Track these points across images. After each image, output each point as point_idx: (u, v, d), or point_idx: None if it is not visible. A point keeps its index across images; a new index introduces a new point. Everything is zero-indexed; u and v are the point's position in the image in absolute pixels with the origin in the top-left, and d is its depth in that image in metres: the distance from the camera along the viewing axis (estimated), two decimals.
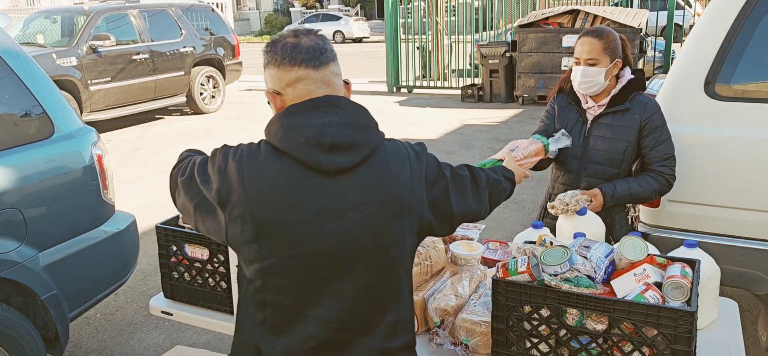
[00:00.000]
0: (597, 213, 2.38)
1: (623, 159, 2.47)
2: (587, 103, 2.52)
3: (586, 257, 1.73)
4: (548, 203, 2.42)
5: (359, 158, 1.37)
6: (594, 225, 2.26)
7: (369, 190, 1.37)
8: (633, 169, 2.54)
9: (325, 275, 1.37)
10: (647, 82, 6.48)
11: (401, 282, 1.46)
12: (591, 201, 2.37)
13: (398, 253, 1.43)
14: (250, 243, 1.35)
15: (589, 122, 2.52)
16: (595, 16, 9.99)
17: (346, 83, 1.50)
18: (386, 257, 1.41)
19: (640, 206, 2.92)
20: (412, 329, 1.54)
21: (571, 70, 2.53)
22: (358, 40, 29.04)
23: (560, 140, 2.47)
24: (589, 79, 2.42)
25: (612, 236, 2.51)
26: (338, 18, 30.21)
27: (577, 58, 2.45)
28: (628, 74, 2.49)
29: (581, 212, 2.28)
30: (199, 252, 2.16)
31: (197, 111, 10.61)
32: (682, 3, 17.02)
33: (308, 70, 1.39)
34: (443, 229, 1.55)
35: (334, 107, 1.38)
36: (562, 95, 2.61)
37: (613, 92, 2.47)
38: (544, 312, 1.64)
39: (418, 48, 12.52)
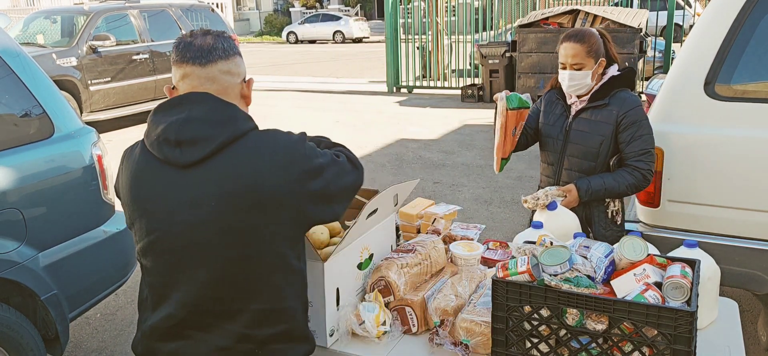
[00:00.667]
0: (576, 208, 2.48)
1: (599, 153, 2.53)
2: (571, 99, 2.61)
3: (586, 257, 1.73)
4: (521, 199, 2.51)
5: (207, 152, 1.42)
6: (564, 219, 2.33)
7: (220, 182, 1.42)
8: (611, 164, 2.57)
9: (179, 261, 1.46)
10: (647, 82, 6.49)
11: (270, 272, 1.47)
12: (565, 196, 2.44)
13: (259, 243, 1.45)
14: (130, 227, 1.55)
15: (570, 116, 2.60)
16: (595, 16, 9.99)
17: (246, 81, 1.56)
18: (243, 247, 1.44)
19: (640, 206, 2.92)
20: (295, 319, 1.54)
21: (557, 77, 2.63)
22: (358, 40, 29.05)
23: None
24: (578, 82, 2.50)
25: (591, 230, 2.58)
26: (338, 18, 30.21)
27: (563, 63, 2.52)
28: (611, 71, 2.54)
29: (551, 207, 2.35)
30: None
31: None
32: (682, 3, 17.02)
33: (194, 68, 1.48)
34: (327, 215, 1.56)
35: (190, 103, 1.45)
36: (551, 92, 2.71)
37: (595, 88, 2.54)
38: (544, 312, 1.63)
39: (418, 48, 12.52)
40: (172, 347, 1.51)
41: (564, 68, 2.51)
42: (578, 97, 2.57)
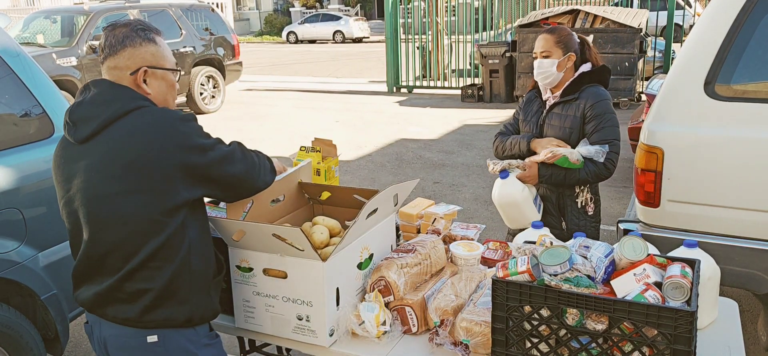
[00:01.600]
0: (549, 197, 2.72)
1: (569, 144, 2.64)
2: (546, 94, 2.74)
3: (586, 257, 1.73)
4: (486, 161, 2.74)
5: (92, 129, 1.63)
6: (511, 188, 2.58)
7: (104, 153, 1.62)
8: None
9: (76, 221, 1.70)
10: (647, 82, 6.49)
11: (144, 236, 1.63)
12: (524, 170, 2.60)
13: (132, 209, 1.61)
14: None
15: (545, 111, 2.73)
16: (595, 16, 9.99)
17: (137, 72, 1.70)
18: (118, 211, 1.62)
19: (640, 206, 2.92)
20: (174, 282, 1.67)
21: None
22: (358, 40, 29.04)
23: (590, 150, 2.56)
24: (544, 71, 2.65)
25: (564, 220, 2.71)
26: (338, 18, 30.20)
27: (535, 54, 2.69)
28: (584, 68, 2.68)
29: (502, 175, 2.57)
30: None
31: (197, 111, 10.61)
32: (682, 3, 17.02)
33: (101, 67, 1.74)
34: (202, 194, 1.73)
35: (88, 89, 1.70)
36: (531, 91, 2.86)
37: (567, 83, 2.67)
38: (544, 312, 1.63)
39: (418, 48, 12.52)
40: (77, 292, 1.78)
41: (536, 58, 2.67)
42: (552, 92, 2.71)
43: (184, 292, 1.70)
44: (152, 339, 1.68)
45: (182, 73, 1.83)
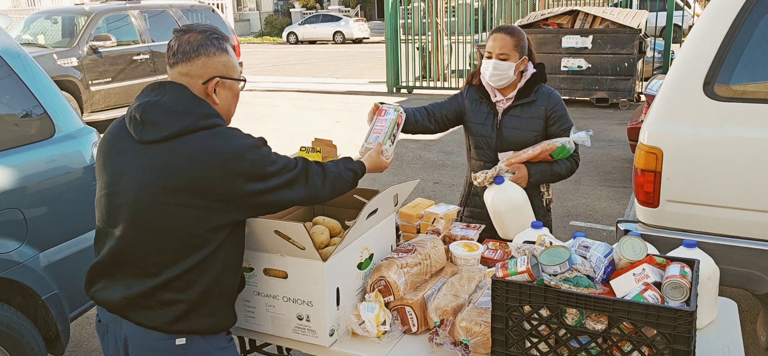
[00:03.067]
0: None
1: (526, 146, 2.63)
2: (496, 97, 2.69)
3: (585, 257, 1.73)
4: (472, 175, 2.59)
5: (162, 135, 1.60)
6: (512, 192, 2.47)
7: (164, 163, 1.59)
8: None
9: (111, 216, 1.67)
10: (646, 83, 6.50)
11: (187, 250, 1.62)
12: (513, 173, 2.54)
13: (179, 222, 1.60)
14: (97, 179, 1.76)
15: (499, 114, 2.68)
16: (595, 17, 10.00)
17: (208, 82, 1.68)
18: (162, 220, 1.60)
19: (639, 206, 2.92)
20: (206, 297, 1.67)
21: (478, 68, 2.72)
22: (358, 41, 29.04)
23: (580, 136, 2.55)
24: (500, 73, 2.59)
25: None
26: (338, 19, 30.20)
27: (489, 53, 2.61)
28: (530, 69, 2.68)
29: (497, 181, 2.47)
30: None
31: None
32: (682, 3, 17.02)
33: (167, 69, 1.73)
34: (252, 214, 1.74)
35: (165, 90, 1.66)
36: (472, 89, 2.77)
37: (520, 85, 2.65)
38: (544, 312, 1.64)
39: (418, 48, 12.52)
40: (94, 288, 1.75)
41: (489, 58, 2.60)
42: (502, 93, 2.67)
43: (213, 306, 1.70)
44: (181, 341, 1.68)
45: (246, 82, 1.84)
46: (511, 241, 2.36)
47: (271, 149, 1.71)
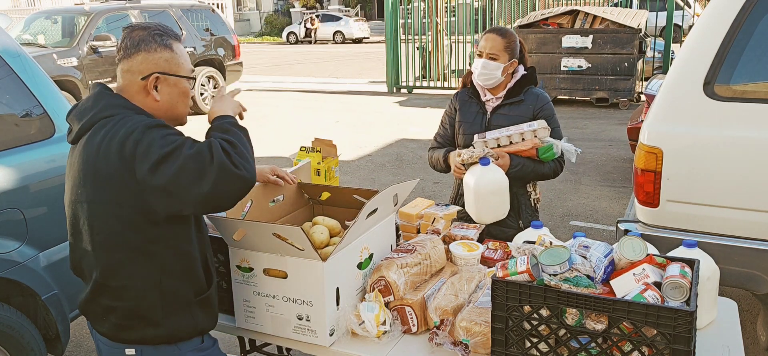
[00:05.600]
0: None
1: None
2: (486, 96, 2.74)
3: (585, 257, 1.73)
4: (456, 152, 2.62)
5: (75, 133, 1.64)
6: (496, 174, 2.49)
7: (78, 161, 1.61)
8: None
9: (67, 222, 1.69)
10: (646, 83, 6.50)
11: (111, 249, 1.59)
12: (497, 158, 2.55)
13: (100, 222, 1.58)
14: None
15: (488, 112, 2.73)
16: (595, 17, 10.00)
17: (144, 78, 1.66)
18: (89, 221, 1.60)
19: (639, 206, 2.92)
20: (143, 298, 1.62)
21: (471, 69, 2.77)
22: (358, 41, 29.04)
23: (568, 148, 2.57)
24: (488, 72, 2.64)
25: (520, 218, 2.71)
26: (338, 18, 30.20)
27: (480, 51, 2.67)
28: (521, 70, 2.73)
29: (483, 162, 2.47)
30: None
31: (198, 111, 10.60)
32: (682, 3, 17.02)
33: (117, 65, 1.71)
34: (169, 208, 1.55)
35: (90, 92, 1.70)
36: (463, 91, 2.84)
37: (509, 85, 2.70)
38: (544, 312, 1.64)
39: (418, 48, 12.52)
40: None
41: (480, 56, 2.66)
42: (492, 93, 2.71)
43: (155, 315, 1.63)
44: (130, 352, 1.66)
45: (195, 80, 1.78)
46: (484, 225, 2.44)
47: (177, 133, 1.57)
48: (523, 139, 2.57)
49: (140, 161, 1.51)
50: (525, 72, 2.73)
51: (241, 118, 1.83)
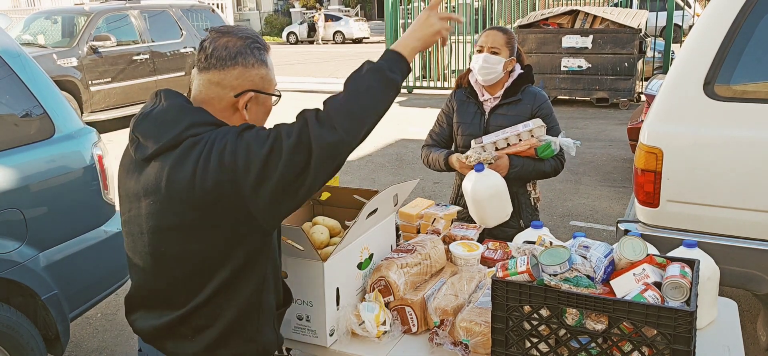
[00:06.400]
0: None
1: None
2: (483, 96, 2.74)
3: (585, 257, 1.73)
4: (460, 156, 2.63)
5: (153, 150, 1.43)
6: (493, 178, 2.51)
7: (158, 181, 1.42)
8: None
9: (131, 246, 1.54)
10: (647, 83, 6.50)
11: (203, 272, 1.45)
12: (493, 161, 2.57)
13: (196, 250, 1.43)
14: None
15: (486, 112, 2.73)
16: (595, 17, 10.00)
17: (237, 96, 1.48)
18: (174, 248, 1.45)
19: (639, 206, 2.92)
20: (237, 321, 1.50)
21: (467, 70, 2.79)
22: (359, 41, 29.04)
23: (567, 142, 2.57)
24: (489, 67, 2.64)
25: (521, 218, 2.72)
26: (338, 18, 30.19)
27: (480, 47, 2.67)
28: (518, 70, 2.74)
29: (477, 168, 2.51)
30: None
31: None
32: (682, 3, 17.01)
33: (196, 71, 1.52)
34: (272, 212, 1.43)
35: (160, 100, 1.50)
36: (461, 90, 2.83)
37: (507, 84, 2.71)
38: (544, 312, 1.64)
39: None
40: (133, 317, 1.62)
41: (481, 51, 2.65)
42: (489, 92, 2.72)
43: (252, 330, 1.54)
44: None
45: (281, 98, 1.61)
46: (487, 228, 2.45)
47: (258, 129, 1.44)
48: (520, 140, 2.57)
49: (243, 174, 1.36)
50: (522, 71, 2.73)
51: (444, 43, 1.65)
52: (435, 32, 1.57)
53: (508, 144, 2.58)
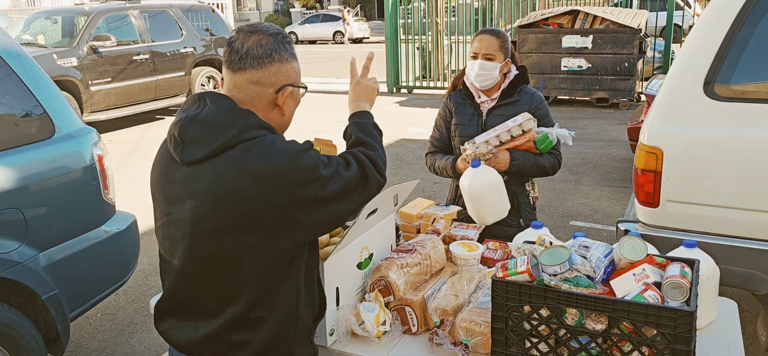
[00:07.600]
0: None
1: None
2: (480, 98, 2.75)
3: (585, 257, 1.73)
4: (461, 147, 2.66)
5: (203, 154, 1.44)
6: (489, 175, 2.51)
7: (209, 184, 1.43)
8: None
9: (171, 249, 1.53)
10: (647, 83, 6.50)
11: (247, 280, 1.46)
12: (492, 155, 2.57)
13: (236, 250, 1.44)
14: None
15: (484, 114, 2.74)
16: (595, 17, 10.00)
17: (280, 91, 1.52)
18: (217, 250, 1.45)
19: (639, 206, 2.92)
20: (277, 329, 1.50)
21: (462, 72, 2.79)
22: (358, 41, 29.04)
23: (563, 133, 2.59)
24: (486, 73, 2.64)
25: (520, 216, 2.73)
26: (338, 18, 30.20)
27: (474, 53, 2.66)
28: (513, 71, 2.74)
29: (474, 164, 2.51)
30: None
31: None
32: (682, 3, 17.02)
33: (228, 72, 1.52)
34: (319, 227, 1.53)
35: (204, 103, 1.49)
36: (456, 93, 2.82)
37: (503, 86, 2.71)
38: (544, 312, 1.64)
39: (418, 48, 12.52)
40: (164, 326, 1.61)
41: (475, 58, 2.65)
42: (486, 94, 2.72)
43: (290, 344, 1.54)
44: None
45: (307, 89, 1.66)
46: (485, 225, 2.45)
47: (318, 152, 1.52)
48: (511, 136, 2.57)
49: (302, 191, 1.42)
50: (517, 72, 2.74)
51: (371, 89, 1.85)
52: (374, 89, 1.84)
53: (501, 142, 2.58)
